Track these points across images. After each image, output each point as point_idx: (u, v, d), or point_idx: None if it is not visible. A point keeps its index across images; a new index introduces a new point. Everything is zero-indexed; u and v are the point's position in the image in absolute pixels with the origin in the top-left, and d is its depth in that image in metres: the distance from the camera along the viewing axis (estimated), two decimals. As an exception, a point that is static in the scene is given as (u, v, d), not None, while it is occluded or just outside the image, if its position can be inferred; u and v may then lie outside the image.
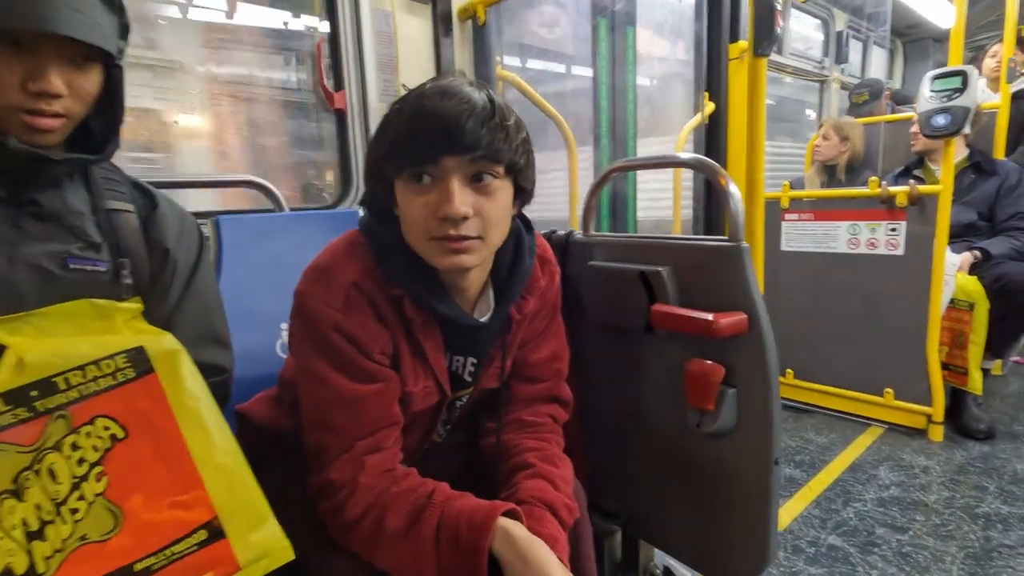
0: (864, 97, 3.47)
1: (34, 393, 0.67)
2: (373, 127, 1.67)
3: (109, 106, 0.82)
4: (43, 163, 0.75)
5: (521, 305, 0.92)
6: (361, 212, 0.89)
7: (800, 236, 2.62)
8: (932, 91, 2.18)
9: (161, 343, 0.75)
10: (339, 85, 1.63)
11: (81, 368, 0.70)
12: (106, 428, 0.69)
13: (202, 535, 0.67)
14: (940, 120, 2.14)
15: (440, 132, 0.72)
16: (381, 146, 0.78)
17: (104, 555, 0.63)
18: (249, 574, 0.68)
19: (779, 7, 1.00)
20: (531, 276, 0.92)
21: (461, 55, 1.76)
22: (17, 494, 0.63)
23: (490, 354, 0.93)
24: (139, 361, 0.73)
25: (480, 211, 0.75)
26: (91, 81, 0.77)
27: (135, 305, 0.80)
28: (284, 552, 0.70)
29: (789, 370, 2.71)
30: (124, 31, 0.79)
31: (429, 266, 0.81)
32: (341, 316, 0.79)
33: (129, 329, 0.77)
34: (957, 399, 2.46)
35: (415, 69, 1.70)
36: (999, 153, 2.76)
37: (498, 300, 0.89)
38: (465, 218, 0.74)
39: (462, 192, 0.74)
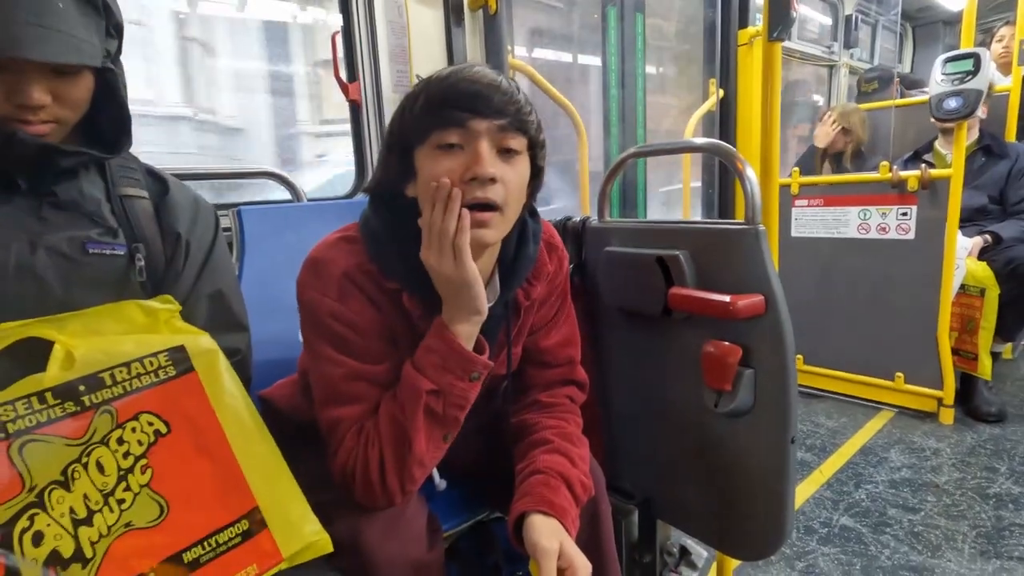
0: (874, 86, 3.45)
1: (82, 388, 0.68)
2: (387, 117, 1.68)
3: (112, 106, 0.81)
4: (55, 154, 0.76)
5: (528, 291, 0.93)
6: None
7: (810, 222, 2.62)
8: (944, 74, 2.18)
9: (199, 343, 0.77)
10: (353, 77, 1.64)
11: (126, 365, 0.71)
12: (150, 423, 0.71)
13: (244, 524, 0.69)
14: (952, 103, 2.14)
15: (471, 96, 0.75)
16: (409, 114, 0.80)
17: (152, 543, 0.65)
18: (291, 565, 0.70)
19: (795, -9, 1.00)
20: (538, 262, 0.93)
21: (473, 45, 1.76)
22: (66, 485, 0.65)
23: (499, 340, 0.93)
24: (179, 360, 0.74)
25: (504, 179, 0.77)
26: (79, 88, 0.75)
27: (174, 306, 0.81)
28: (323, 544, 0.72)
29: (799, 355, 2.72)
30: (116, 30, 0.77)
31: None
32: (337, 305, 0.81)
33: (168, 328, 0.79)
34: (968, 383, 2.47)
35: (427, 59, 1.70)
36: (1010, 136, 2.75)
37: (503, 286, 0.90)
38: (493, 180, 0.76)
39: (491, 155, 0.76)
